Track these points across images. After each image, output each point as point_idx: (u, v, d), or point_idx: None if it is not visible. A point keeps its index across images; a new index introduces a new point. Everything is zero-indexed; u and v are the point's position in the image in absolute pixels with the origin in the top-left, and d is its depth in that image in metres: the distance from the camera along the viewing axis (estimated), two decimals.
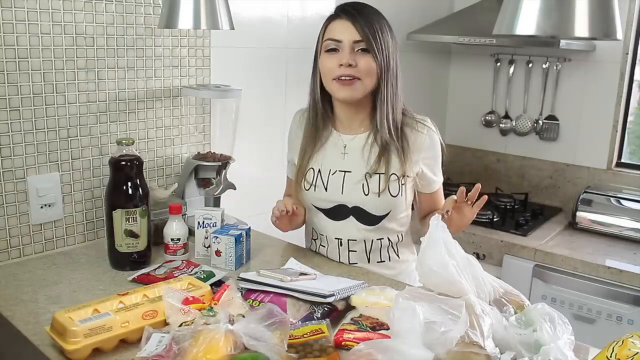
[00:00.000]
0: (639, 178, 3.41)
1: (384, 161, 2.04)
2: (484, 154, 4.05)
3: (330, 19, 2.03)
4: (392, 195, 2.05)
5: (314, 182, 2.12)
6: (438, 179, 2.17)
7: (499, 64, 3.89)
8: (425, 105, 3.76)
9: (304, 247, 2.34)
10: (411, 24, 3.53)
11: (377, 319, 1.62)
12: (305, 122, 2.18)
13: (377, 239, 2.13)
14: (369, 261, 2.15)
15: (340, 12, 2.00)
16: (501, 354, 1.40)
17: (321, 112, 2.12)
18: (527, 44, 3.54)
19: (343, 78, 1.97)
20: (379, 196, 2.04)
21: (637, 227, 3.11)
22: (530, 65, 3.74)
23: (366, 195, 2.05)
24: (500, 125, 3.94)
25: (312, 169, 2.13)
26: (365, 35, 1.95)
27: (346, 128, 2.13)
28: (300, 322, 1.60)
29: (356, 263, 2.15)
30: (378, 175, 2.04)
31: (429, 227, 1.58)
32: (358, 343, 1.43)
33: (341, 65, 1.96)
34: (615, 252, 3.04)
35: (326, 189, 2.10)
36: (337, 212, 2.11)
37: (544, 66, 3.67)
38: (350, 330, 1.56)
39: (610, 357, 1.30)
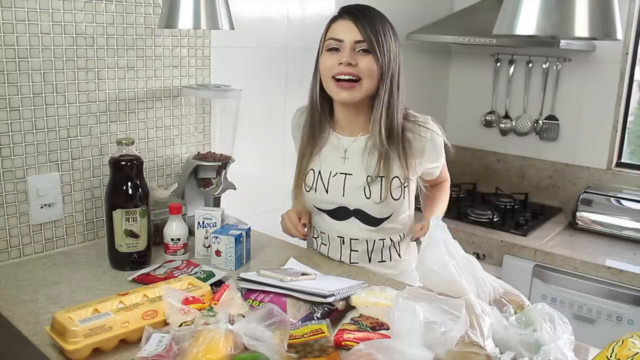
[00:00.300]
0: (639, 178, 3.41)
1: (385, 165, 2.03)
2: (484, 154, 4.06)
3: (334, 19, 2.02)
4: (394, 199, 2.05)
5: (314, 185, 2.12)
6: (440, 164, 2.19)
7: (499, 64, 3.89)
8: (425, 105, 3.75)
9: (304, 246, 2.35)
10: (411, 24, 3.54)
11: (377, 319, 1.62)
12: (303, 123, 2.18)
13: (380, 239, 2.13)
14: (370, 261, 2.15)
15: (344, 12, 1.99)
16: (501, 354, 1.40)
17: (319, 114, 2.11)
18: (527, 44, 3.54)
19: (342, 79, 1.96)
20: (380, 200, 2.04)
21: (637, 227, 3.11)
22: (530, 65, 3.75)
23: (368, 198, 2.05)
24: (500, 125, 3.95)
25: (312, 170, 2.13)
26: (367, 36, 1.94)
27: (346, 131, 2.12)
28: (300, 322, 1.60)
29: (357, 262, 2.15)
30: (380, 179, 2.03)
31: (429, 227, 1.59)
32: (358, 343, 1.43)
33: (341, 63, 1.95)
34: (615, 252, 3.04)
35: (327, 191, 2.10)
36: (339, 213, 2.12)
37: (544, 66, 3.68)
38: (350, 330, 1.56)
39: (610, 357, 1.30)
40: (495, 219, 3.37)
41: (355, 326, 1.59)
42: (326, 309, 1.69)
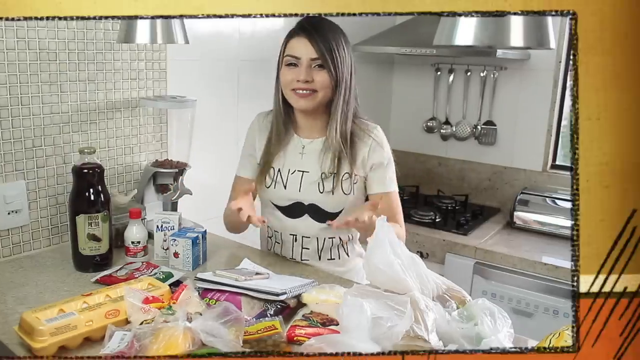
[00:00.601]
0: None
1: (336, 163, 2.13)
2: (426, 158, 4.13)
3: (290, 35, 2.10)
4: (344, 193, 2.14)
5: (274, 179, 2.20)
6: (384, 186, 2.20)
7: (439, 73, 3.96)
8: (370, 113, 3.62)
9: (258, 247, 2.40)
10: (355, 35, 3.53)
11: (327, 315, 1.67)
12: (269, 126, 2.24)
13: (329, 237, 2.21)
14: (319, 258, 2.22)
15: (299, 29, 2.07)
16: (444, 346, 1.46)
17: (283, 118, 2.19)
18: (465, 54, 3.61)
19: (300, 92, 2.07)
20: (332, 194, 2.13)
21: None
22: (468, 73, 3.83)
23: (321, 193, 2.14)
24: (441, 130, 4.02)
25: (273, 168, 2.21)
26: (321, 53, 2.03)
27: (305, 133, 2.21)
28: (254, 319, 1.64)
29: (308, 260, 2.23)
30: (332, 175, 2.13)
31: (375, 228, 1.65)
32: (309, 338, 1.50)
33: (298, 80, 2.05)
34: (551, 249, 3.13)
35: (285, 187, 2.18)
36: (294, 210, 2.19)
37: (481, 74, 3.77)
38: (302, 326, 1.61)
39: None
40: (437, 220, 3.45)
41: (306, 322, 1.64)
42: (279, 306, 1.74)
